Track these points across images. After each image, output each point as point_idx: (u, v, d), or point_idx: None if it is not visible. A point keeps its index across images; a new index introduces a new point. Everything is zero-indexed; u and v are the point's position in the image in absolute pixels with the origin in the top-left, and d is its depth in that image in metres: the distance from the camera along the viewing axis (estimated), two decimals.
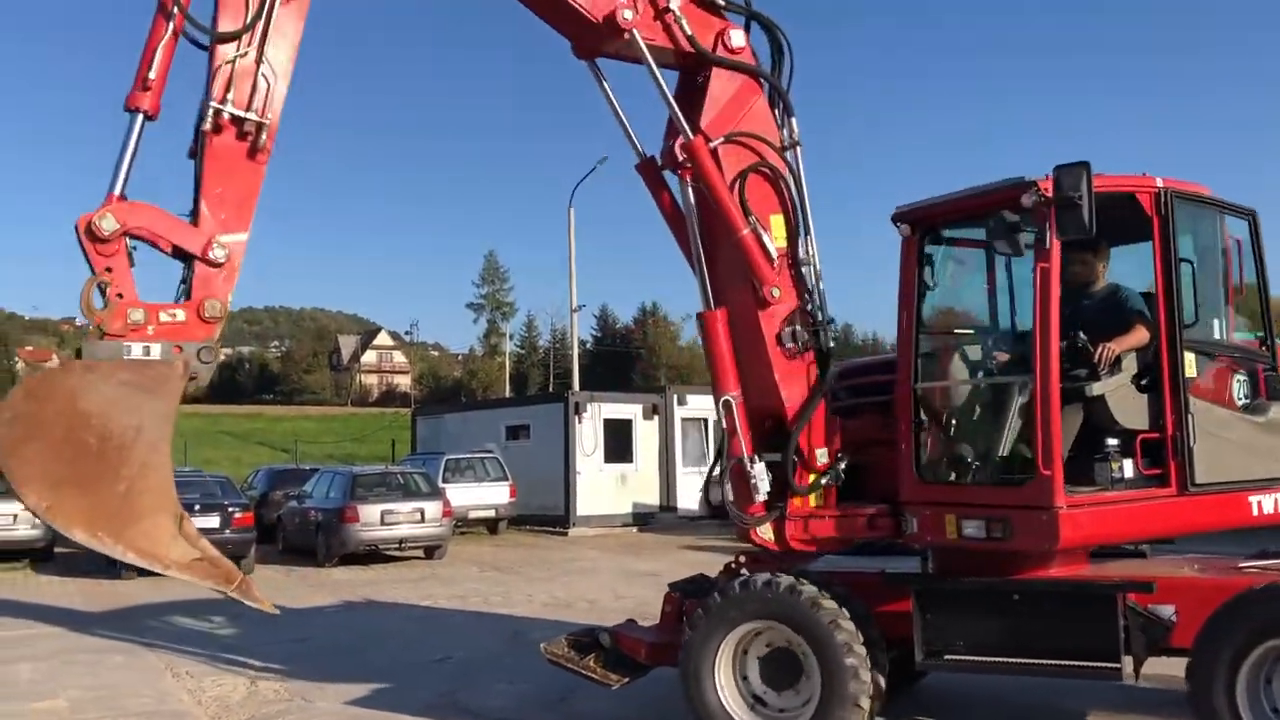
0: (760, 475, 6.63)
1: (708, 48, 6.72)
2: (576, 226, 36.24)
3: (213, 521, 17.84)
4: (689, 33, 6.66)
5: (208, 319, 5.30)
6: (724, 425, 6.81)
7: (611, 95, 7.09)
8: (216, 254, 5.35)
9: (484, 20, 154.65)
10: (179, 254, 5.41)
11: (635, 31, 6.43)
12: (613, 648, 7.47)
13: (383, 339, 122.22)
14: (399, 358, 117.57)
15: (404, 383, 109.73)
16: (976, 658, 6.26)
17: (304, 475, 24.06)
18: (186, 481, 20.29)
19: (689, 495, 26.48)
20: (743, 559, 7.50)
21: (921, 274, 6.53)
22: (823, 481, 6.69)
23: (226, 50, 5.48)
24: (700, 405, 27.63)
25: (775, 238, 6.69)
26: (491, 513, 24.18)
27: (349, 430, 60.22)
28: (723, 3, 6.85)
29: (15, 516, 19.70)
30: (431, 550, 19.96)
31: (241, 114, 5.45)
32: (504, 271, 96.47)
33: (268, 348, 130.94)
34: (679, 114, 6.62)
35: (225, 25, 5.49)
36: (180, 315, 5.23)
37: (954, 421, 6.62)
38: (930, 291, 6.61)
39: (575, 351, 37.90)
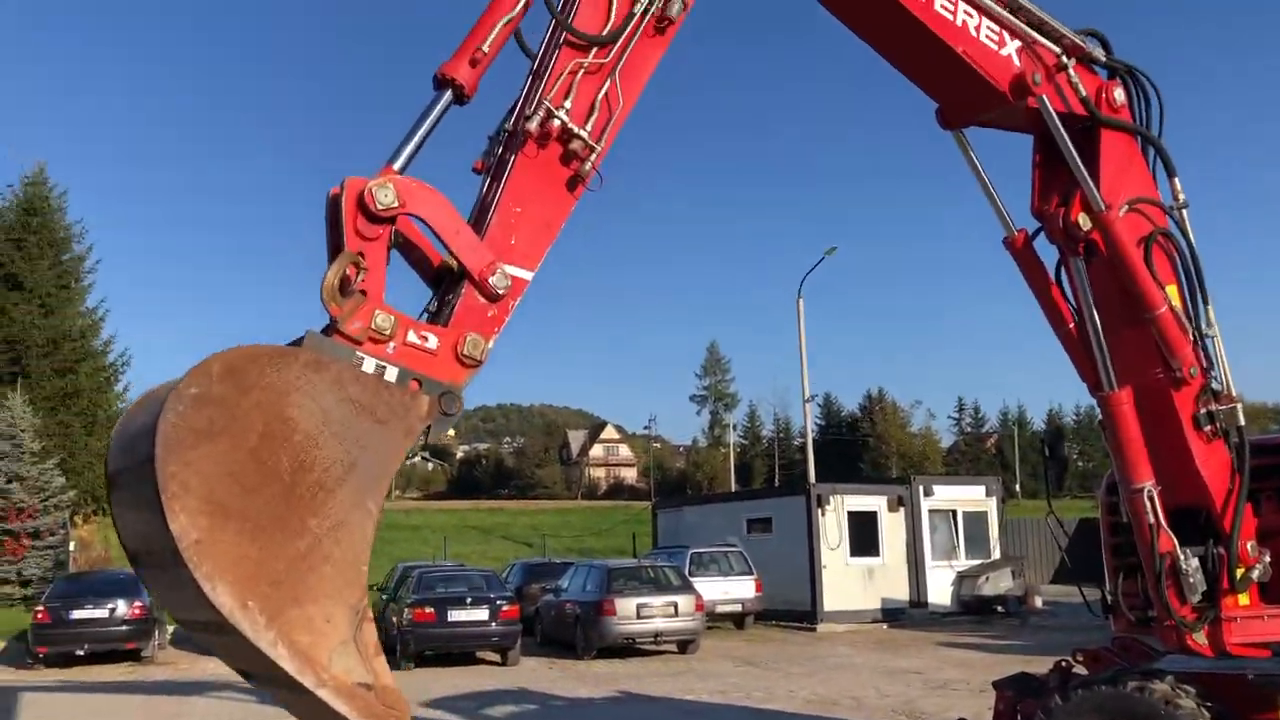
0: (1195, 573, 6.11)
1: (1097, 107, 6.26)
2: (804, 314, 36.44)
3: (482, 615, 18.85)
4: (1083, 94, 6.20)
5: (465, 359, 3.98)
6: (1137, 519, 6.32)
7: (980, 164, 6.68)
8: (497, 282, 4.09)
9: (707, 125, 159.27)
10: (438, 273, 4.28)
11: (1045, 96, 5.99)
12: None
13: (609, 432, 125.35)
14: (625, 451, 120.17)
15: (630, 475, 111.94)
16: None
17: (556, 569, 24.97)
18: (454, 575, 21.67)
19: (940, 590, 25.74)
20: (1078, 656, 7.32)
21: None
22: (1253, 576, 6.25)
23: (575, 55, 4.48)
24: (948, 496, 26.98)
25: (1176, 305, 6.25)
26: (738, 607, 24.26)
27: (586, 524, 61.86)
28: (1104, 59, 6.38)
29: None
30: (685, 644, 20.23)
31: (577, 128, 4.36)
32: (725, 363, 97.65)
33: (501, 444, 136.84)
34: (1090, 184, 6.11)
35: (582, 27, 4.54)
36: (433, 341, 3.92)
37: None
38: None
39: (809, 442, 37.75)
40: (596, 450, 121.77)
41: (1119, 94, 6.39)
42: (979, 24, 5.92)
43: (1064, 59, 6.12)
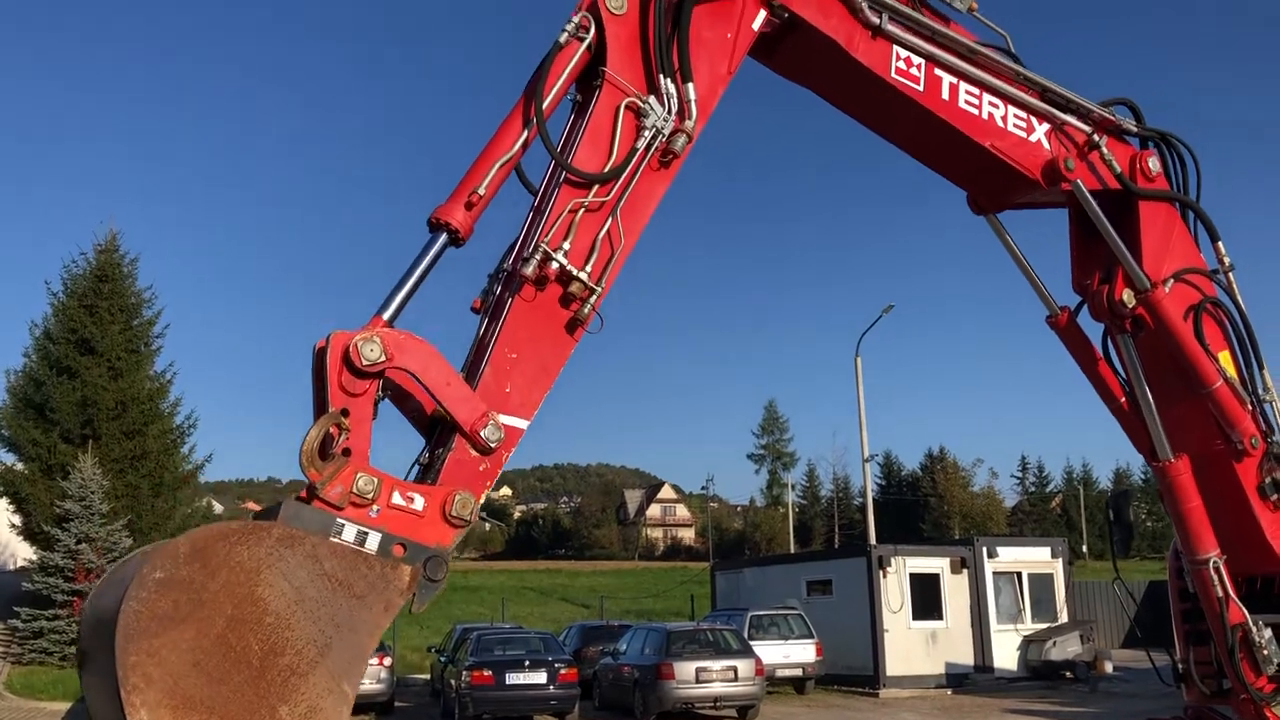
0: (1269, 644, 6.01)
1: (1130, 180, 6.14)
2: (863, 372, 36.21)
3: (540, 678, 18.77)
4: (1118, 170, 6.06)
5: (453, 519, 3.80)
6: (1204, 590, 6.22)
7: (1016, 247, 6.53)
8: (489, 435, 3.91)
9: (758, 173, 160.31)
10: (432, 422, 4.14)
11: (1079, 181, 5.83)
12: None
13: (666, 492, 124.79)
14: (682, 511, 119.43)
15: (688, 535, 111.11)
16: None
17: (614, 632, 24.79)
18: (513, 637, 21.61)
19: (1005, 654, 25.12)
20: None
21: None
22: None
23: (576, 193, 4.31)
24: (1012, 557, 26.43)
25: (1230, 375, 6.14)
26: (799, 671, 23.84)
27: (643, 585, 61.41)
28: (1135, 129, 6.28)
29: None
30: (745, 709, 19.90)
31: (576, 271, 4.17)
32: (784, 421, 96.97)
33: (558, 503, 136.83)
34: (1132, 262, 5.96)
35: (581, 163, 4.36)
36: (419, 503, 3.74)
37: None
38: None
39: (869, 502, 37.27)
40: (653, 510, 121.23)
41: (1154, 163, 6.24)
42: (1005, 114, 5.77)
43: (1095, 136, 5.98)
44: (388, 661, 21.94)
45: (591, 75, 4.52)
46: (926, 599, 24.92)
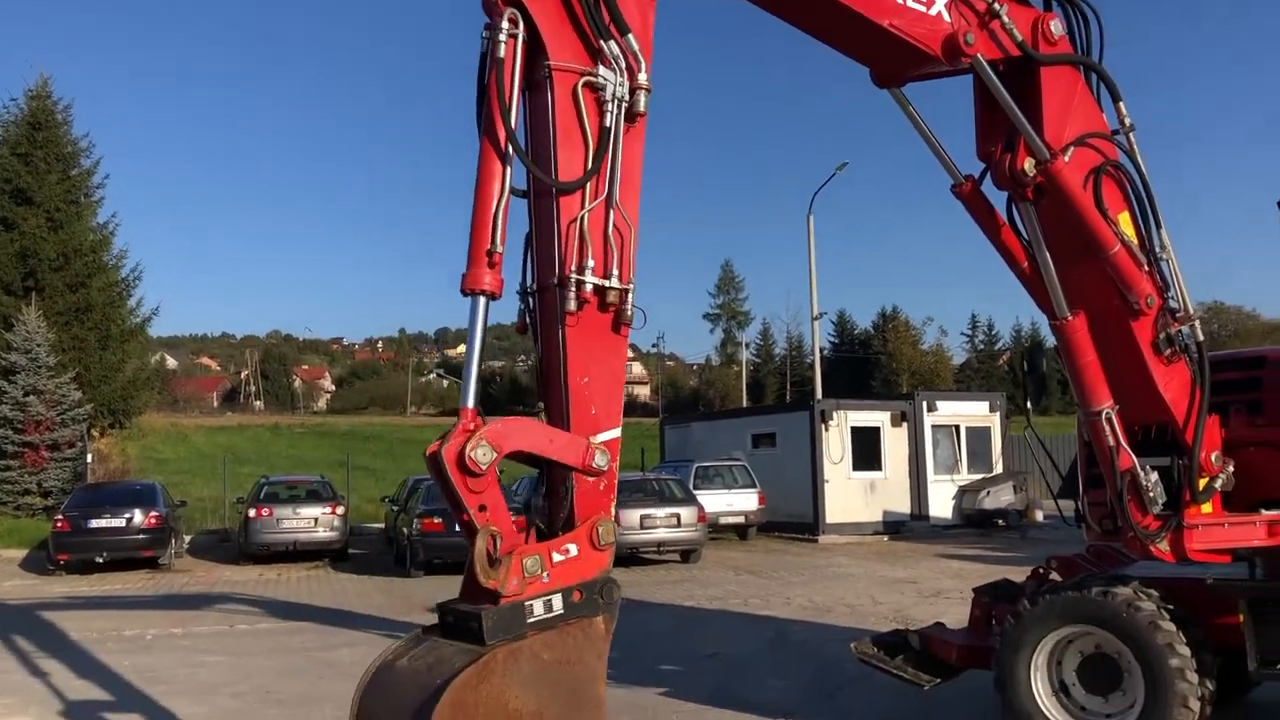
0: (1155, 486, 6.36)
1: (1033, 47, 6.11)
2: (814, 231, 36.31)
3: None
4: (1019, 38, 6.03)
5: (603, 546, 4.27)
6: (1097, 439, 6.52)
7: (920, 118, 6.59)
8: (600, 463, 4.29)
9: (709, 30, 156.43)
10: (538, 459, 4.38)
11: (979, 55, 5.84)
12: (922, 649, 7.59)
13: None
14: (638, 369, 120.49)
15: (643, 393, 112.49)
16: None
17: None
18: None
19: (941, 503, 26.08)
20: (1053, 563, 7.56)
21: None
22: (1215, 486, 6.43)
23: (574, 203, 4.38)
24: (951, 411, 27.19)
25: (1128, 236, 6.28)
26: (741, 519, 24.73)
27: None
28: None
29: (316, 520, 21.95)
30: (687, 554, 20.68)
31: (607, 284, 4.35)
32: (739, 281, 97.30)
33: (516, 361, 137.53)
34: (1032, 133, 6.02)
35: (566, 168, 4.38)
36: (574, 550, 4.20)
37: None
38: None
39: (817, 359, 37.92)
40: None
41: (1056, 26, 6.23)
42: None
43: (995, 4, 5.90)
44: (340, 511, 22.39)
45: (528, 65, 4.40)
46: (867, 451, 25.71)
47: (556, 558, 4.17)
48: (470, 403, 4.15)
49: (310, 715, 8.60)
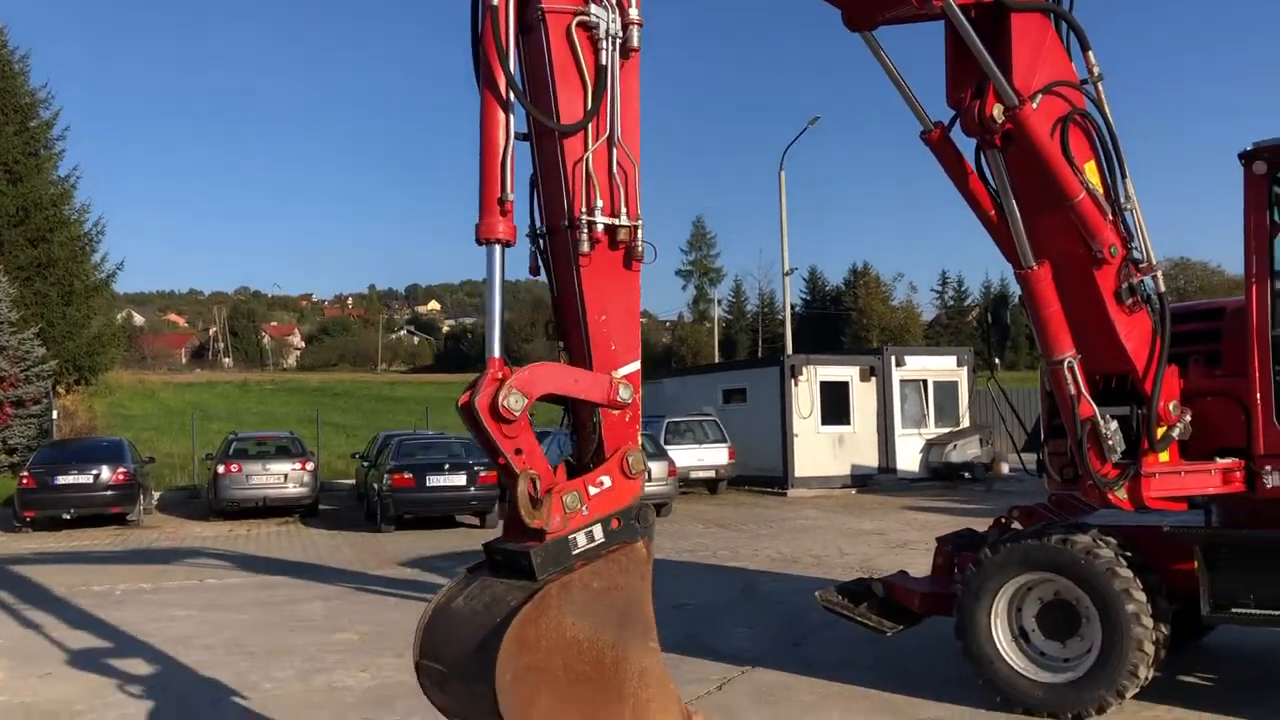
0: (1114, 435, 6.45)
1: None
2: (786, 188, 36.28)
3: (461, 479, 19.32)
4: None
5: (634, 474, 4.49)
6: (1059, 388, 6.62)
7: (891, 62, 6.54)
8: (623, 395, 4.48)
9: None
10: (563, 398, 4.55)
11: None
12: (886, 597, 7.72)
13: None
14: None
15: None
16: (1268, 612, 6.23)
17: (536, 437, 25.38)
18: (434, 443, 22.05)
19: (908, 457, 26.37)
20: (1014, 513, 7.69)
21: (1272, 214, 6.29)
22: (1173, 435, 6.53)
23: (577, 144, 4.45)
24: (919, 366, 27.41)
25: (1094, 185, 6.31)
26: (711, 473, 24.94)
27: None
28: None
29: (285, 476, 21.90)
30: (658, 508, 20.72)
31: (616, 222, 4.47)
32: (711, 238, 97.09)
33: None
34: (1001, 79, 6.02)
35: (567, 111, 4.43)
36: (607, 481, 4.40)
37: None
38: None
39: (788, 315, 38.06)
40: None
41: None
42: None
43: None
44: (310, 466, 22.34)
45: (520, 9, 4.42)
46: (836, 405, 25.90)
47: (593, 491, 4.38)
48: (496, 352, 4.29)
49: (281, 666, 8.64)
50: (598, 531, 4.35)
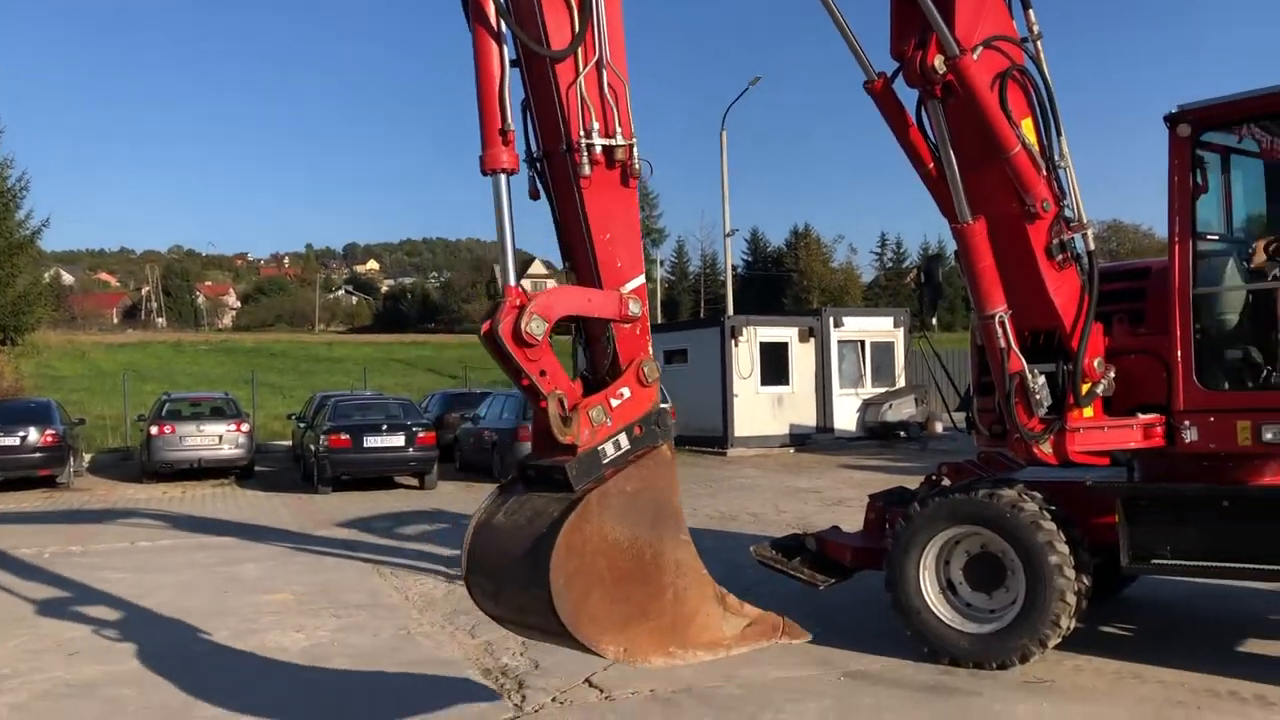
0: (1041, 389, 6.60)
1: None
2: (727, 148, 36.23)
3: (399, 440, 19.21)
4: None
5: (649, 382, 4.64)
6: (989, 343, 6.75)
7: (838, 10, 6.54)
8: (633, 309, 4.63)
9: None
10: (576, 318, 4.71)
11: None
12: (818, 552, 7.87)
13: (536, 268, 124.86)
14: (552, 285, 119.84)
15: None
16: (1184, 562, 6.45)
17: (475, 398, 25.31)
18: (371, 404, 21.88)
19: (845, 416, 26.73)
20: (944, 469, 7.84)
21: (1195, 177, 6.43)
22: (1098, 391, 6.67)
23: (569, 68, 4.54)
24: (857, 327, 27.73)
25: (1030, 141, 6.43)
26: None
27: None
28: None
29: (220, 437, 21.59)
30: None
31: (612, 143, 4.61)
32: (654, 198, 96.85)
33: (427, 278, 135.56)
34: (944, 29, 6.13)
35: (556, 36, 4.52)
36: (626, 392, 4.57)
37: (1241, 327, 6.59)
38: (1204, 195, 6.50)
39: (729, 277, 38.21)
40: (524, 285, 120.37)
41: None
42: None
43: None
44: (245, 428, 22.05)
45: None
46: (775, 366, 26.13)
47: (614, 403, 4.54)
48: (512, 280, 4.42)
49: (216, 627, 8.57)
50: (623, 440, 4.54)
